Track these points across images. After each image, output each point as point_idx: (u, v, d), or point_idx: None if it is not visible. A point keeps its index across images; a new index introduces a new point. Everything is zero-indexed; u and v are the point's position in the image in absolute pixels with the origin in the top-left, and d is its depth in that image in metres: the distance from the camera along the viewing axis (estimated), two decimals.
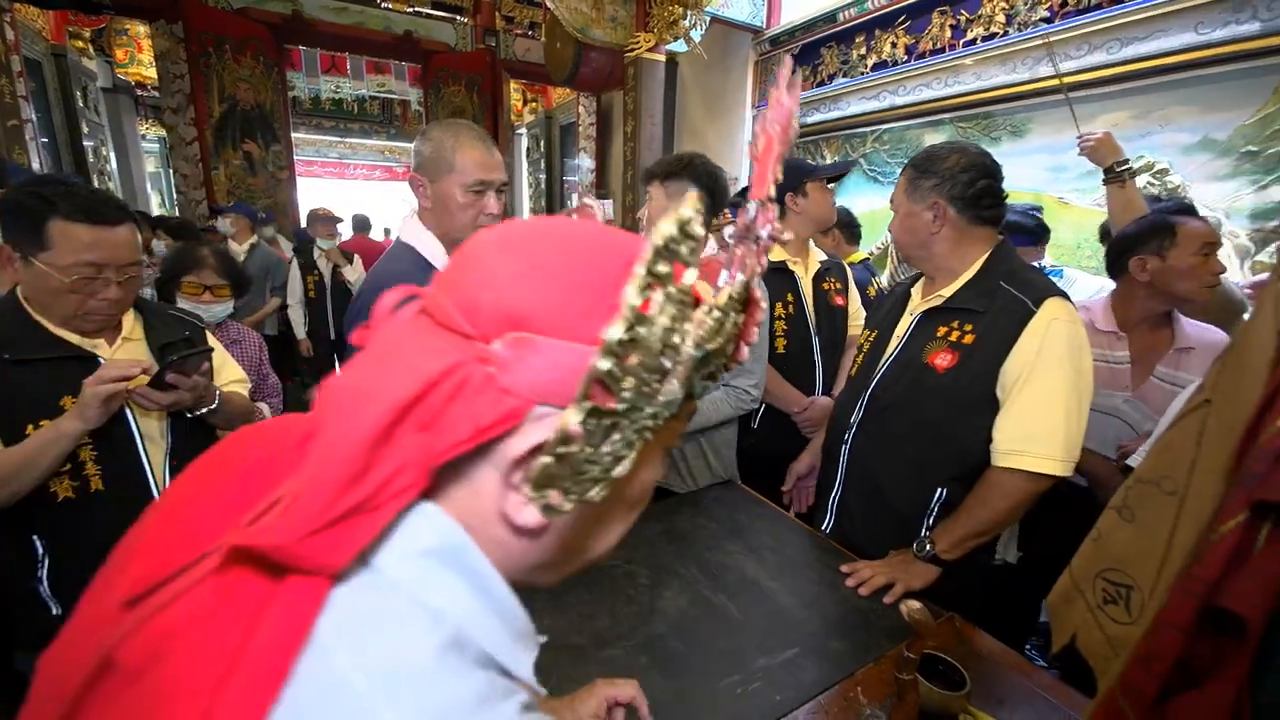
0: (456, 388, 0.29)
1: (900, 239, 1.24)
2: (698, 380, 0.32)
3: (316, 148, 10.62)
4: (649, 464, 0.37)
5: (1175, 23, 2.16)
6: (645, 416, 0.30)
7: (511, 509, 0.32)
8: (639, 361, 0.28)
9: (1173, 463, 0.60)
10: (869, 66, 3.45)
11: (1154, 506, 0.62)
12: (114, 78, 6.21)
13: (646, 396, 0.29)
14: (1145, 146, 2.29)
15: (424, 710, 0.26)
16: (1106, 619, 0.66)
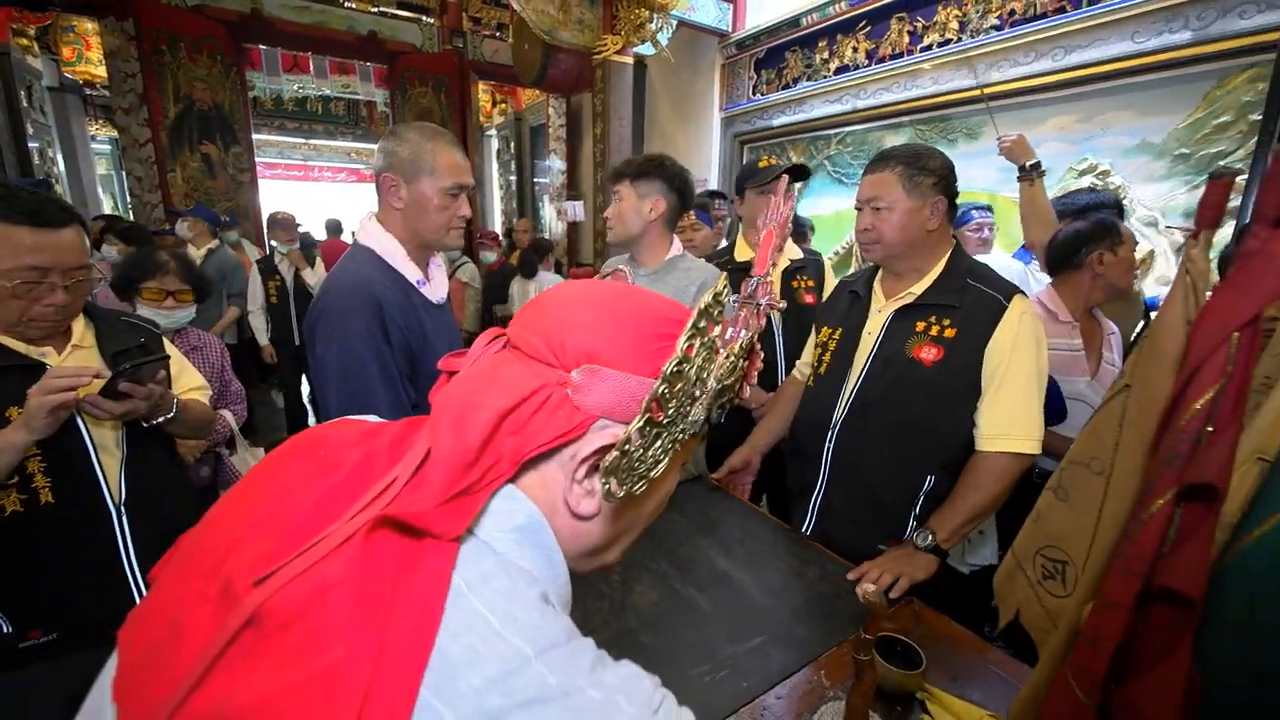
0: (542, 402, 0.40)
1: (894, 236, 1.20)
2: (715, 409, 0.44)
3: (280, 149, 10.34)
4: (672, 471, 0.47)
5: (1114, 32, 2.28)
6: (678, 431, 0.42)
7: (574, 500, 0.43)
8: (680, 389, 0.40)
9: (1099, 444, 0.64)
10: (832, 70, 3.54)
11: (1084, 486, 0.66)
12: (61, 76, 5.95)
13: (682, 415, 0.41)
14: (1089, 149, 2.41)
15: (537, 637, 0.35)
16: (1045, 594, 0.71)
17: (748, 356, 0.46)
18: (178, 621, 0.36)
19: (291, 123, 9.18)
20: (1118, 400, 0.64)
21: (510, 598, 0.36)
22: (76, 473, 1.07)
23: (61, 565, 1.06)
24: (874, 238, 1.22)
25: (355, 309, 1.08)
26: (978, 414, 1.17)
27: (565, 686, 0.34)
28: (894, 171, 1.19)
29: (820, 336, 1.39)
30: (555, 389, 0.41)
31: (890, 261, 1.26)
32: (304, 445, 0.46)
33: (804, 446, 1.37)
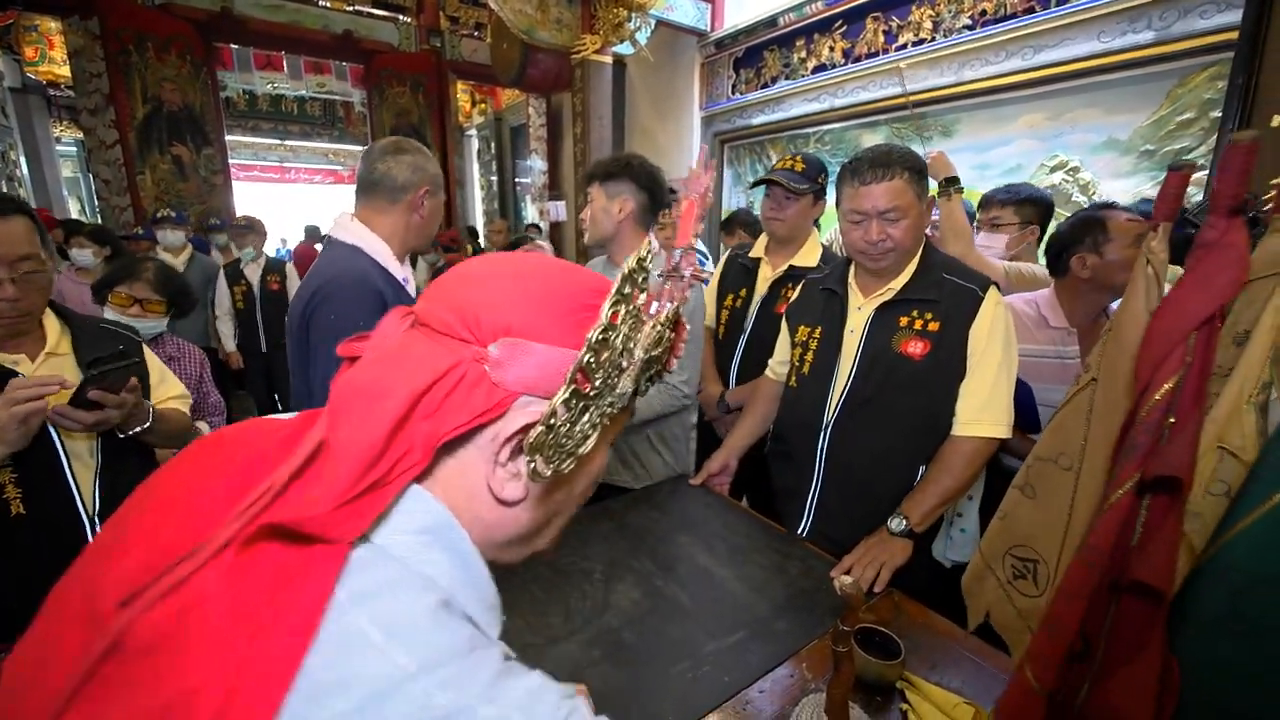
0: (457, 381, 0.37)
1: (910, 244, 1.19)
2: (643, 380, 0.43)
3: (254, 150, 10.15)
4: (601, 450, 0.46)
5: (1080, 32, 2.34)
6: (606, 404, 0.39)
7: (497, 484, 0.40)
8: (606, 358, 0.38)
9: (1066, 440, 0.65)
10: (809, 69, 3.57)
11: (1053, 482, 0.66)
12: (23, 76, 5.77)
13: (609, 388, 0.39)
14: (1059, 146, 2.46)
15: (428, 652, 0.32)
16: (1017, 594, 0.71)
17: (674, 328, 0.44)
18: (48, 647, 0.33)
19: (266, 123, 9.01)
20: (1084, 394, 0.64)
21: (399, 609, 0.33)
22: (48, 484, 1.04)
23: (33, 577, 1.02)
24: (889, 247, 1.19)
25: (360, 300, 1.15)
26: (958, 399, 1.20)
27: (454, 705, 0.31)
28: (903, 179, 1.15)
29: (798, 336, 1.39)
30: (471, 366, 0.38)
31: (887, 262, 1.23)
32: (201, 449, 0.41)
33: (793, 448, 1.37)
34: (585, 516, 1.34)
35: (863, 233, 1.20)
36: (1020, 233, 1.77)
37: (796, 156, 1.72)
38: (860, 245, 1.22)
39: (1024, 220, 1.76)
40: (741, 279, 1.86)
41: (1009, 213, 1.77)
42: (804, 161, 1.70)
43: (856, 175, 1.19)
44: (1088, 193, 2.37)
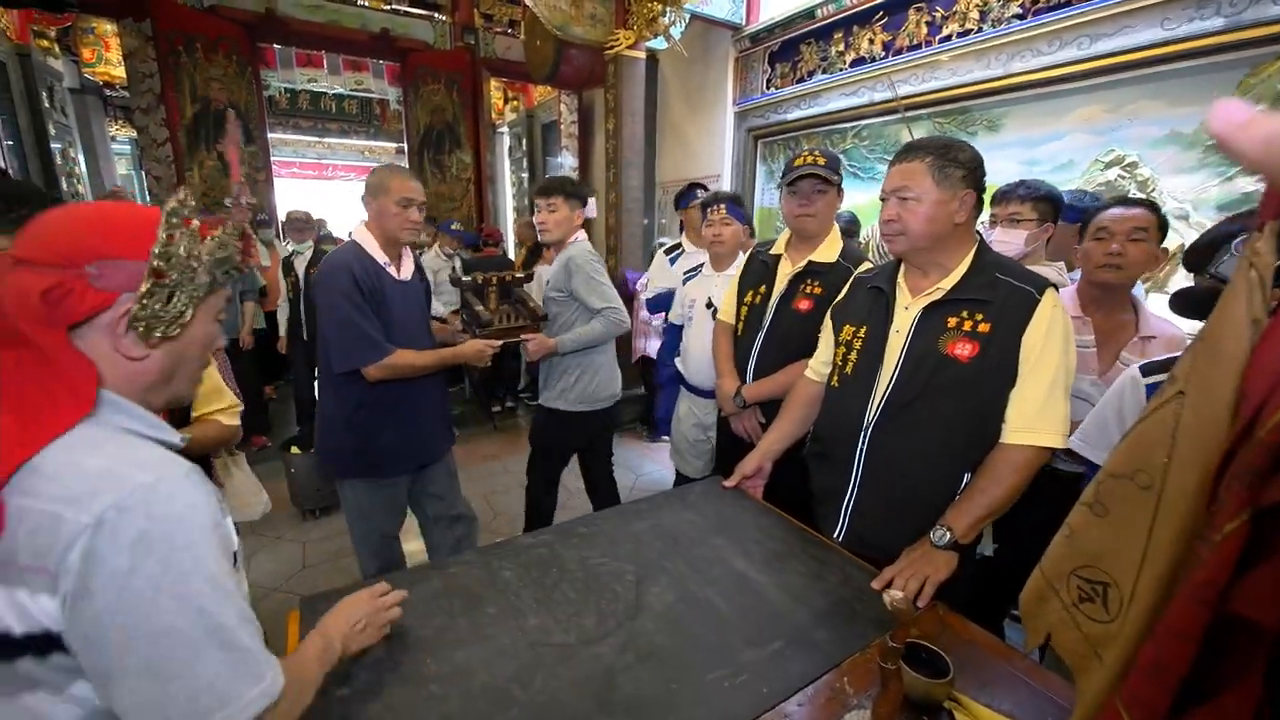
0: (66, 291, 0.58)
1: (921, 228, 1.17)
2: (219, 273, 0.70)
3: (294, 148, 10.42)
4: (202, 320, 0.70)
5: (1142, 19, 2.21)
6: (191, 289, 0.66)
7: (123, 347, 0.63)
8: (175, 261, 0.64)
9: (1146, 457, 0.59)
10: (848, 63, 3.48)
11: (1128, 502, 0.61)
12: (81, 78, 6.05)
13: (188, 279, 0.66)
14: (1116, 140, 2.34)
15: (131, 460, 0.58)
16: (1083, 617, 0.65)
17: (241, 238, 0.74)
18: None
19: (306, 121, 9.27)
20: (1168, 408, 0.59)
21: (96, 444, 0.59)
22: None
23: None
24: (899, 229, 1.19)
25: (334, 277, 1.65)
26: (1009, 405, 1.15)
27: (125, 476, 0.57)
28: (923, 161, 1.15)
29: (843, 334, 1.35)
30: (75, 281, 0.58)
31: (914, 255, 1.23)
32: None
33: (832, 449, 1.33)
34: (615, 515, 1.33)
35: (883, 211, 1.23)
36: (1037, 230, 1.70)
37: (814, 152, 1.70)
38: (880, 225, 1.24)
39: (1041, 216, 1.70)
40: (761, 275, 1.84)
41: (1028, 208, 1.70)
42: (823, 155, 1.69)
43: (893, 159, 1.23)
44: (1146, 189, 2.24)
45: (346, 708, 0.79)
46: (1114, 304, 1.51)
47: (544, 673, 0.85)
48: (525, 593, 1.04)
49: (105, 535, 0.53)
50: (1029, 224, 1.70)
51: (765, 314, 1.78)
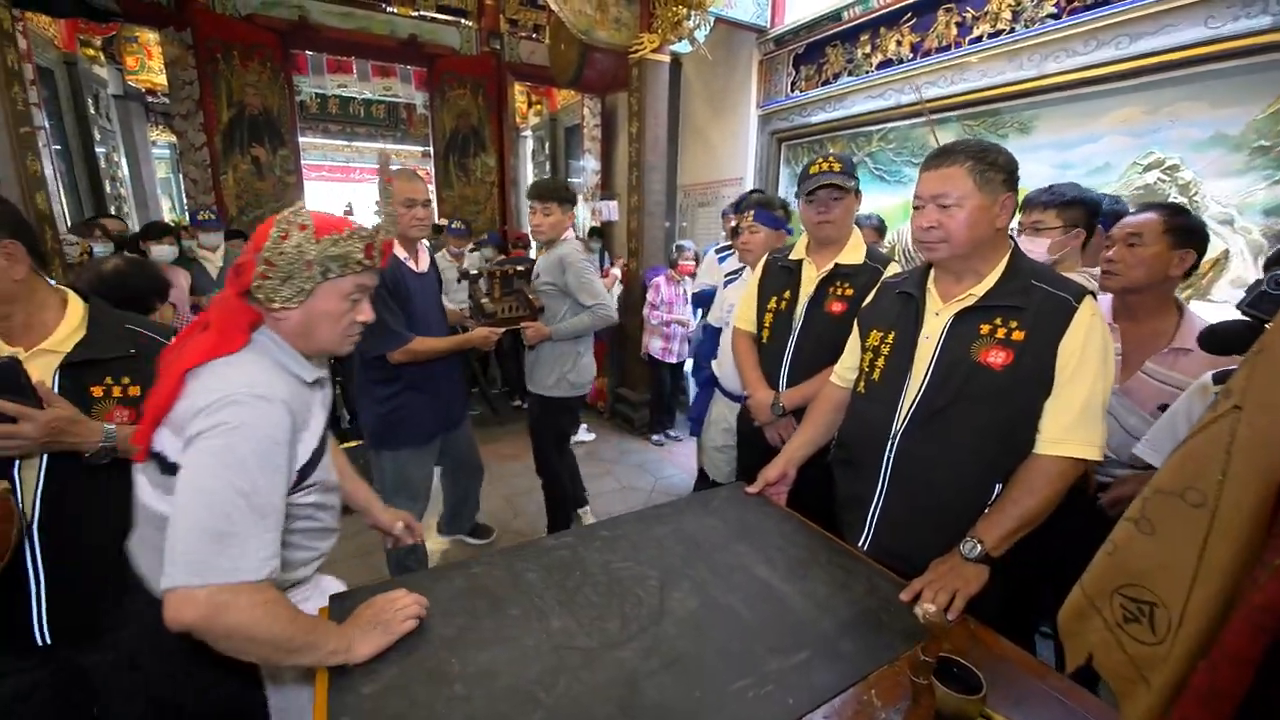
0: (241, 268, 0.92)
1: (964, 235, 1.13)
2: (334, 265, 0.92)
3: (323, 151, 10.69)
4: (328, 299, 0.94)
5: (1185, 17, 2.14)
6: (304, 279, 0.91)
7: (274, 312, 0.92)
8: (285, 255, 0.89)
9: (1198, 473, 0.57)
10: (874, 65, 3.44)
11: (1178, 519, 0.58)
12: (125, 85, 6.28)
13: (300, 269, 0.90)
14: (1155, 142, 2.27)
15: (250, 377, 0.86)
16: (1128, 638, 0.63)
17: (366, 239, 0.97)
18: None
19: (335, 125, 9.48)
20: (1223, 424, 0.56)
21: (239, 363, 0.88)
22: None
23: None
24: (940, 236, 1.15)
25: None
26: (1044, 415, 1.12)
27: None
28: (962, 166, 1.12)
29: (870, 340, 1.33)
30: (248, 262, 0.90)
31: (952, 261, 1.19)
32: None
33: (858, 457, 1.31)
34: (637, 520, 1.32)
35: (919, 219, 1.19)
36: (1064, 237, 1.64)
37: (829, 158, 1.68)
38: (916, 232, 1.20)
39: (1068, 223, 1.64)
40: (783, 281, 1.81)
41: (1051, 216, 1.65)
42: (837, 160, 1.68)
43: (923, 164, 1.19)
44: (1188, 193, 2.17)
45: (374, 703, 0.80)
46: (1144, 312, 1.45)
47: (567, 676, 0.85)
48: (548, 595, 1.04)
49: (206, 411, 0.81)
50: (1053, 232, 1.65)
51: (794, 319, 1.76)
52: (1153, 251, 1.39)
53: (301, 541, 1.00)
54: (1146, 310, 1.45)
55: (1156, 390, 1.39)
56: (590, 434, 4.33)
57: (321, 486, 1.00)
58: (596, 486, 3.55)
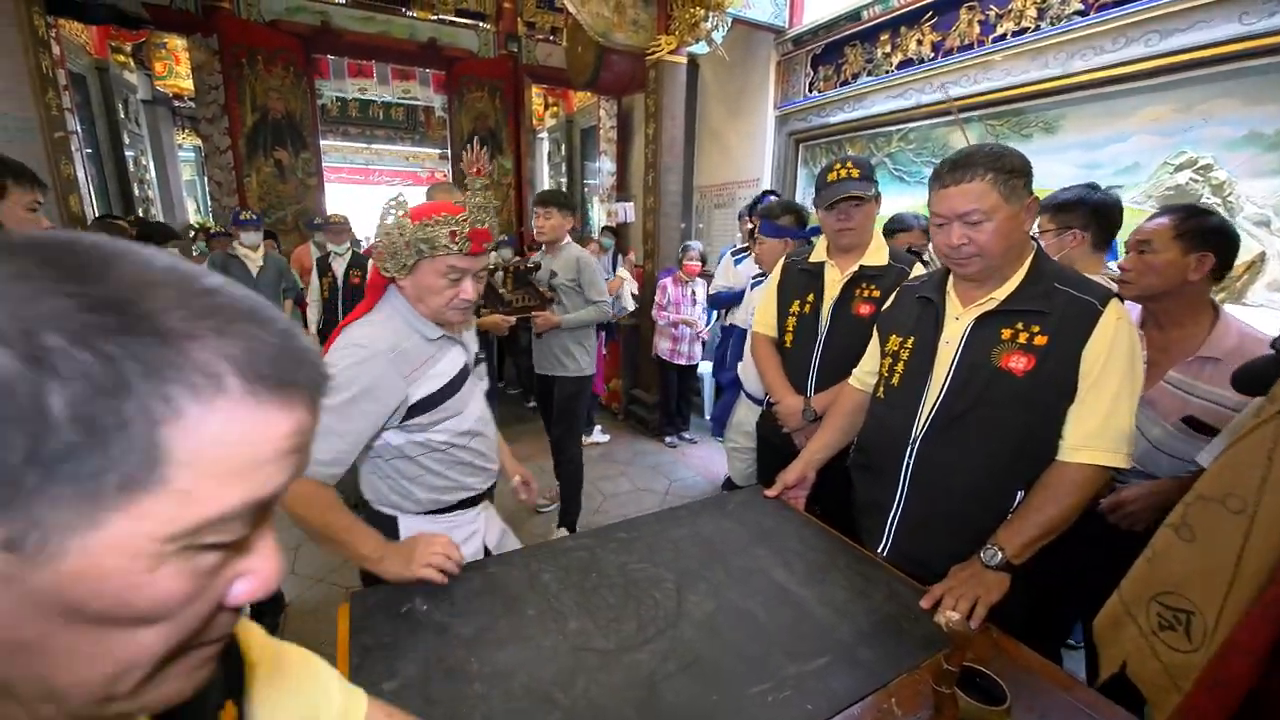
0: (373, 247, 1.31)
1: (998, 247, 1.10)
2: (424, 245, 1.08)
3: (343, 154, 10.86)
4: (427, 274, 1.11)
5: (1217, 13, 2.09)
6: (405, 255, 1.09)
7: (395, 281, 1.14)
8: (391, 234, 1.10)
9: (1239, 479, 0.56)
10: (894, 65, 3.40)
11: (1218, 525, 0.58)
12: (153, 90, 6.44)
13: (400, 246, 1.09)
14: (1187, 141, 2.21)
15: (370, 333, 1.12)
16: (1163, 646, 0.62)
17: (452, 225, 1.09)
18: None
19: (355, 128, 9.63)
20: (1266, 429, 0.55)
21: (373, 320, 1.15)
22: None
23: None
24: (973, 251, 1.12)
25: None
26: (1067, 422, 1.10)
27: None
28: (985, 180, 1.08)
29: (889, 345, 1.31)
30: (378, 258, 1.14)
31: (985, 274, 1.16)
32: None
33: (877, 462, 1.30)
34: (654, 521, 1.32)
35: (945, 236, 1.14)
36: (1057, 239, 1.61)
37: (846, 163, 1.65)
38: (944, 250, 1.16)
39: (1062, 226, 1.61)
40: (806, 284, 1.79)
41: (1044, 220, 1.63)
42: (855, 165, 1.65)
43: (938, 179, 1.14)
44: (1222, 193, 2.11)
45: (394, 700, 0.81)
46: (1169, 319, 1.39)
47: (585, 677, 0.85)
48: (565, 596, 1.04)
49: (335, 350, 1.10)
50: (1046, 235, 1.62)
51: (819, 323, 1.74)
52: (1165, 258, 1.33)
53: (441, 470, 1.23)
54: (1171, 317, 1.39)
55: (1181, 401, 1.33)
56: (605, 435, 4.33)
57: (452, 429, 1.21)
58: (611, 488, 3.55)
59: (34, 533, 0.22)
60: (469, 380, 1.24)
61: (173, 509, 0.24)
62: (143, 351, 0.23)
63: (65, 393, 0.22)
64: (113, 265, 0.25)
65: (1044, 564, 1.11)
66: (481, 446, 1.28)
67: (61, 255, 0.24)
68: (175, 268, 0.26)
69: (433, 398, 1.16)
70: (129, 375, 0.23)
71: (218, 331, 0.25)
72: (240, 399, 0.25)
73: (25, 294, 0.22)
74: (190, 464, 0.24)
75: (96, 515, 0.23)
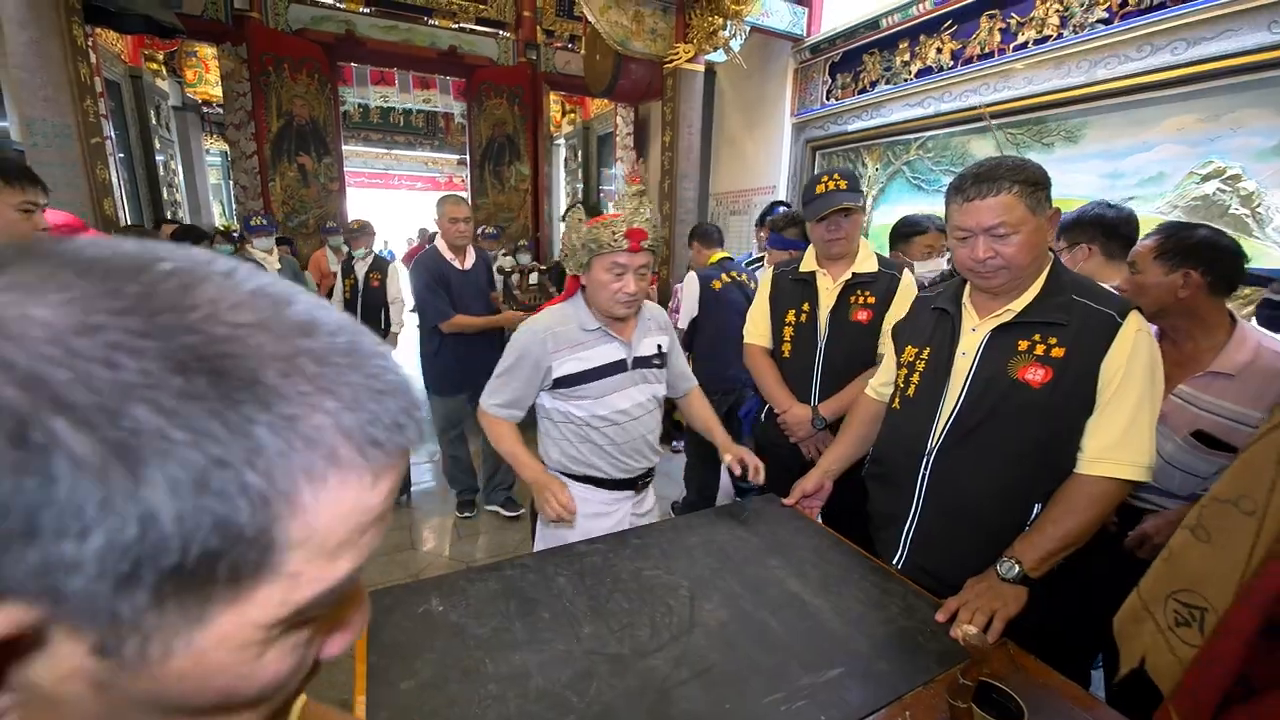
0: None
1: (1025, 260, 1.09)
2: (593, 246, 1.30)
3: (364, 159, 11.05)
4: (598, 270, 1.32)
5: (1246, 22, 2.05)
6: (582, 253, 1.33)
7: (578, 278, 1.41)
8: (571, 239, 1.36)
9: (1251, 482, 0.57)
10: (913, 73, 3.39)
11: (1231, 526, 0.59)
12: (184, 96, 6.62)
13: (576, 248, 1.34)
14: (1215, 151, 2.17)
15: (542, 318, 1.42)
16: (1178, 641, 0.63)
17: (612, 228, 1.28)
18: None
19: (376, 134, 9.80)
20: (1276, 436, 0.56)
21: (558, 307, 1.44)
22: None
23: None
24: (999, 264, 1.10)
25: (420, 268, 2.74)
26: (1085, 434, 1.08)
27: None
28: (1011, 193, 1.06)
29: (904, 356, 1.31)
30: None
31: (1008, 287, 1.15)
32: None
33: (893, 473, 1.29)
34: (668, 528, 1.33)
35: (969, 250, 1.13)
36: (1069, 254, 1.64)
37: (834, 175, 1.69)
38: (968, 263, 1.15)
39: (1071, 242, 1.65)
40: (800, 294, 1.81)
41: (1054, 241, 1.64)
42: (843, 177, 1.69)
43: (960, 191, 1.12)
44: (1250, 204, 2.07)
45: (411, 699, 0.82)
46: (1179, 334, 1.38)
47: (599, 682, 0.86)
48: (579, 600, 1.05)
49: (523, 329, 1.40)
50: (1060, 253, 1.64)
51: (817, 331, 1.76)
52: (1149, 278, 1.35)
53: (573, 441, 1.43)
54: (1180, 332, 1.38)
55: (1191, 415, 1.32)
56: None
57: (589, 410, 1.39)
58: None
59: (133, 638, 0.19)
60: (620, 375, 1.41)
61: (283, 593, 0.22)
62: (246, 425, 0.19)
63: (162, 482, 0.18)
64: (190, 292, 0.20)
65: (1063, 579, 1.09)
66: (616, 436, 1.42)
67: (122, 280, 0.20)
68: (263, 291, 0.22)
69: (574, 376, 1.37)
70: (232, 457, 0.19)
71: (327, 391, 0.21)
72: (352, 470, 0.22)
73: (95, 351, 0.18)
74: (301, 545, 0.21)
75: (204, 613, 0.20)
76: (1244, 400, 1.26)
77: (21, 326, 0.18)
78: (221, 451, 0.19)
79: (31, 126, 2.77)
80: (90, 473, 0.17)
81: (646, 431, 1.47)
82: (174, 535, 0.18)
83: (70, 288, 0.19)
